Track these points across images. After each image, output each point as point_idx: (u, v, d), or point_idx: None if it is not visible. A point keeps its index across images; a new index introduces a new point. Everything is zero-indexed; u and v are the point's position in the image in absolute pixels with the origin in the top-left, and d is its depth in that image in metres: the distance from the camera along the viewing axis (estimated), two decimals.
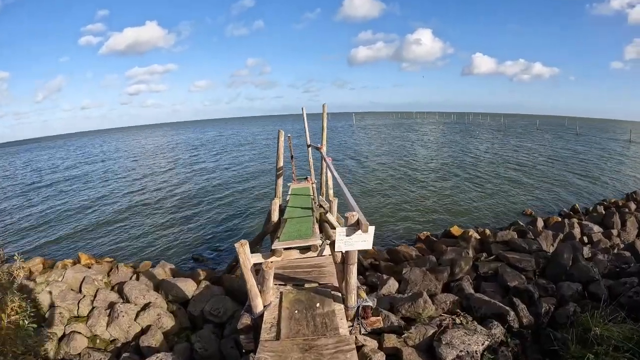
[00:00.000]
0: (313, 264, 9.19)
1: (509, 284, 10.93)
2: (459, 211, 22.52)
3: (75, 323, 9.93)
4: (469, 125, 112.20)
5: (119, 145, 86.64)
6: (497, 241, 14.43)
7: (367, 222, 5.51)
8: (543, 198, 25.43)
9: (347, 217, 5.72)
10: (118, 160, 54.19)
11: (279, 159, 13.64)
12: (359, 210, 5.81)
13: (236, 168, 40.73)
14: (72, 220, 23.92)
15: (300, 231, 9.49)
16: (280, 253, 8.57)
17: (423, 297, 9.26)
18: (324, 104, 14.67)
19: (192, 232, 20.27)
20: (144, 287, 11.15)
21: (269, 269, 6.27)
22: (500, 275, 11.45)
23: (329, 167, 9.62)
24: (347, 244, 5.74)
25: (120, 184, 34.29)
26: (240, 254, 6.06)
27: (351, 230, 5.64)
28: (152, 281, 11.85)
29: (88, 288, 11.48)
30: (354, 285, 6.54)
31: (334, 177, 8.23)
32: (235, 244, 6.09)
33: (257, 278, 7.26)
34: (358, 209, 5.90)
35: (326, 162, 10.79)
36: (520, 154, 46.48)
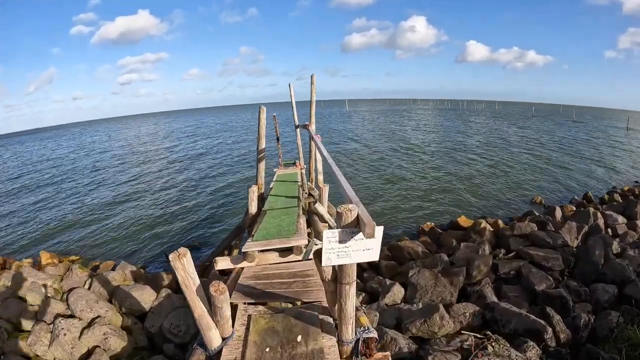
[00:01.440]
0: (296, 272, 7.00)
1: (536, 288, 9.22)
2: (462, 199, 20.70)
3: (16, 340, 8.13)
4: (463, 111, 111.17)
5: (108, 136, 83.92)
6: (514, 234, 12.49)
7: (373, 220, 3.44)
8: (550, 185, 23.83)
9: (340, 213, 3.59)
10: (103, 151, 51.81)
11: (260, 140, 11.61)
12: (359, 202, 3.75)
13: (223, 156, 38.87)
14: (45, 214, 22.11)
15: (280, 227, 7.53)
16: (252, 257, 6.57)
17: (439, 313, 7.31)
18: (313, 74, 12.63)
19: (172, 225, 18.46)
20: (92, 297, 9.05)
21: (219, 293, 4.13)
22: (524, 277, 9.70)
23: (318, 146, 7.55)
24: (340, 255, 3.69)
25: (101, 176, 32.26)
26: (177, 270, 3.94)
27: (347, 234, 3.58)
28: (106, 288, 9.77)
29: (33, 296, 9.62)
30: (352, 313, 4.45)
31: (323, 157, 6.16)
32: (170, 255, 3.96)
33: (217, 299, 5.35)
34: (357, 199, 3.85)
35: (314, 140, 8.71)
36: (519, 140, 44.96)
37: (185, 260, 3.95)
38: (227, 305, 4.29)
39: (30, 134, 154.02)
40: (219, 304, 4.20)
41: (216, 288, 4.17)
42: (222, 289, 4.17)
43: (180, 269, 3.95)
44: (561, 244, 11.55)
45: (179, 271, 3.97)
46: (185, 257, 3.94)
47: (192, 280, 4.06)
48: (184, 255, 3.93)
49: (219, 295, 4.14)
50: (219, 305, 4.22)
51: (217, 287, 4.19)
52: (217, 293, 4.14)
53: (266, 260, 6.72)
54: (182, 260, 3.92)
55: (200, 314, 4.26)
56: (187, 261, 3.97)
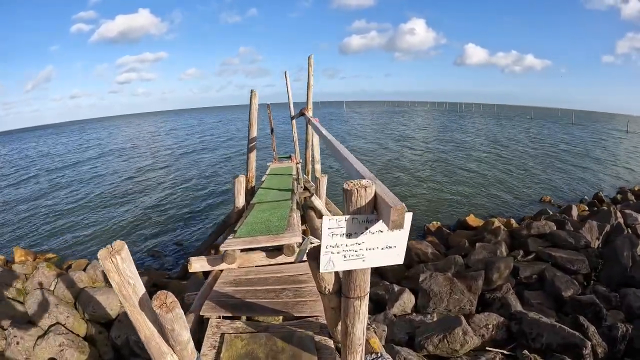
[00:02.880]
0: (286, 277, 5.46)
1: (563, 294, 8.04)
2: (467, 199, 19.63)
3: None
4: (462, 113, 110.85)
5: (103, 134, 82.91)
6: (532, 234, 11.28)
7: (395, 198, 2.20)
8: (556, 185, 22.92)
9: (348, 191, 2.29)
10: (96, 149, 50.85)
11: (251, 128, 10.43)
12: (375, 178, 2.52)
13: (217, 154, 37.96)
14: (28, 210, 21.05)
15: (269, 222, 6.29)
16: (233, 258, 5.32)
17: (462, 327, 6.04)
18: (310, 55, 11.46)
19: (160, 222, 17.38)
20: (52, 301, 7.78)
21: (166, 310, 2.75)
22: (548, 282, 8.52)
23: (316, 128, 6.33)
24: (348, 256, 2.42)
25: (90, 174, 31.18)
26: (109, 272, 2.61)
27: (359, 223, 2.33)
28: (70, 290, 8.47)
29: None
30: (361, 337, 3.17)
31: (323, 138, 4.94)
32: (100, 253, 2.63)
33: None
34: (372, 175, 2.62)
35: (312, 124, 7.48)
36: (521, 140, 44.23)
37: (120, 258, 2.62)
38: (181, 326, 2.89)
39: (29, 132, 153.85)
40: (169, 324, 2.80)
41: (161, 302, 2.76)
42: (170, 304, 2.76)
43: (113, 272, 2.64)
44: (584, 244, 10.42)
45: (111, 274, 2.65)
46: (120, 254, 2.62)
47: (131, 287, 2.75)
48: (118, 252, 2.62)
49: (165, 314, 2.73)
50: (168, 327, 2.83)
51: (163, 301, 2.78)
52: (163, 310, 2.73)
53: (250, 261, 5.48)
54: (116, 258, 2.61)
55: (147, 336, 2.96)
56: (122, 260, 2.64)
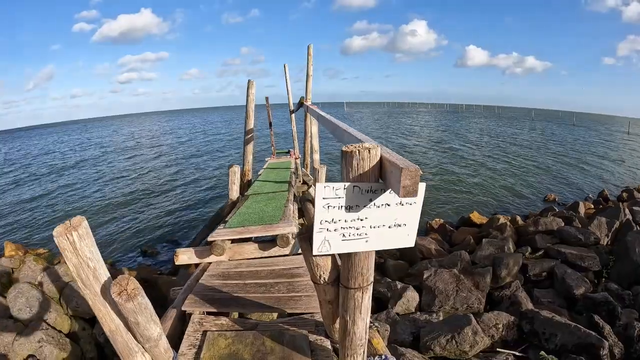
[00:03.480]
0: (280, 271, 4.94)
1: (575, 292, 7.62)
2: (470, 197, 19.23)
3: None
4: (464, 114, 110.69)
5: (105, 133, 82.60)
6: (540, 230, 10.85)
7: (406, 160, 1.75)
8: (560, 184, 22.54)
9: (348, 153, 1.86)
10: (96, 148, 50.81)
11: (248, 119, 10.00)
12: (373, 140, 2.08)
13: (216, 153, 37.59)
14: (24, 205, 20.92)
15: (263, 212, 5.85)
16: (222, 249, 4.87)
17: (472, 326, 5.58)
18: (310, 44, 11.05)
19: (156, 219, 17.11)
20: (35, 294, 7.35)
21: (126, 298, 2.21)
22: (559, 279, 8.08)
23: (313, 113, 5.90)
24: (347, 235, 1.98)
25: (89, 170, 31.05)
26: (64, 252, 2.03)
27: (361, 193, 1.89)
28: (55, 284, 8.04)
29: None
30: (363, 335, 2.69)
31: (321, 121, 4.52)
32: (55, 230, 2.12)
33: None
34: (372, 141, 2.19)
35: (310, 110, 7.05)
36: (523, 140, 43.91)
37: (77, 235, 2.16)
38: (147, 318, 2.40)
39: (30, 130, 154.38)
40: (131, 316, 2.33)
41: (121, 288, 2.27)
42: (132, 292, 2.26)
43: (69, 251, 2.17)
44: (594, 240, 10.02)
45: (67, 254, 2.18)
46: (78, 230, 2.16)
47: (91, 271, 2.28)
48: (75, 228, 2.16)
49: (124, 302, 2.24)
50: (132, 320, 2.35)
51: (123, 287, 2.28)
52: (123, 298, 2.24)
53: (241, 253, 5.02)
54: (72, 235, 2.15)
55: (112, 330, 2.49)
56: (80, 237, 2.17)
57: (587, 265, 8.68)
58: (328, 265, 2.42)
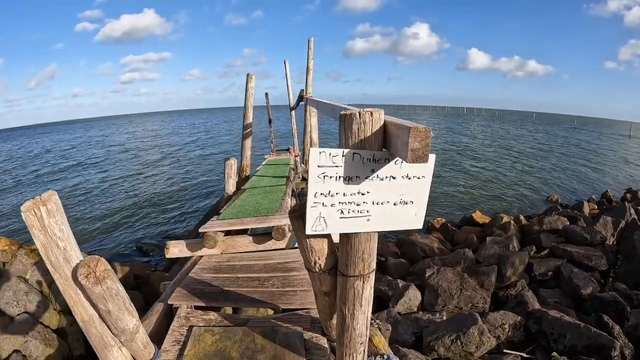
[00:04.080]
0: (275, 265, 4.65)
1: (582, 292, 7.36)
2: (472, 197, 19.01)
3: None
4: (465, 117, 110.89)
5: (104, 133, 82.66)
6: (544, 229, 10.60)
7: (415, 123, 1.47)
8: (562, 185, 22.31)
9: (347, 116, 1.62)
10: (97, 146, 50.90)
11: (247, 112, 9.77)
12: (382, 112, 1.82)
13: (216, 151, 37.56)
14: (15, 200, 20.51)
15: (259, 205, 5.62)
16: (214, 241, 4.61)
17: (478, 326, 5.33)
18: (310, 37, 10.84)
19: (153, 216, 16.91)
20: (22, 288, 7.12)
21: (93, 281, 1.88)
22: (565, 279, 7.80)
23: (312, 102, 5.67)
24: (346, 212, 1.72)
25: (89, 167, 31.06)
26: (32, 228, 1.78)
27: (362, 161, 1.63)
28: (45, 278, 7.83)
29: None
30: (363, 331, 2.40)
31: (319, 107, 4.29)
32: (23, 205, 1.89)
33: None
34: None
35: (308, 101, 6.84)
36: (525, 142, 43.73)
37: (46, 210, 1.92)
38: (119, 307, 2.11)
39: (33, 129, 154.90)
40: (101, 304, 2.04)
41: (89, 270, 2.01)
42: (100, 274, 2.00)
43: (37, 229, 1.92)
44: (600, 240, 9.73)
45: (34, 232, 1.94)
46: (47, 205, 1.92)
47: (61, 252, 2.03)
48: (44, 203, 1.92)
49: (92, 286, 1.99)
50: (102, 308, 2.07)
51: (92, 269, 2.02)
52: (90, 280, 1.99)
53: (235, 246, 4.76)
54: (40, 210, 1.91)
55: (85, 321, 2.23)
56: (49, 213, 1.92)
57: (594, 264, 8.43)
58: (324, 249, 2.12)
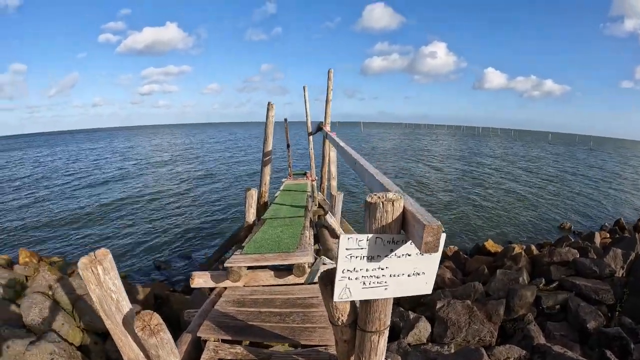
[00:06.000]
0: (295, 300, 4.96)
1: (588, 326, 7.49)
2: (484, 224, 19.05)
3: None
4: (480, 138, 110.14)
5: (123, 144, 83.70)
6: (555, 261, 10.74)
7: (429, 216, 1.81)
8: (575, 211, 22.29)
9: (371, 204, 1.93)
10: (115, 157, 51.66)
11: (267, 141, 10.12)
12: (402, 193, 2.14)
13: (235, 169, 37.77)
14: (42, 212, 21.20)
15: (280, 239, 5.93)
16: (238, 275, 4.94)
17: None
18: (330, 69, 11.10)
19: (171, 232, 17.18)
20: (48, 305, 7.45)
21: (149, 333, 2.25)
22: (572, 312, 7.95)
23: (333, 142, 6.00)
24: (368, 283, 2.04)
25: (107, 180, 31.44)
26: (89, 283, 2.12)
27: (383, 244, 1.96)
28: (69, 296, 8.14)
29: None
30: None
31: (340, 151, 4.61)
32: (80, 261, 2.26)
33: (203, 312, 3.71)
34: (397, 188, 2.26)
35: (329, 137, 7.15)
36: (539, 165, 43.53)
37: (102, 269, 2.30)
38: (167, 352, 2.45)
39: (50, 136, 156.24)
40: (153, 350, 2.42)
41: (144, 324, 2.37)
42: (154, 327, 2.36)
43: (94, 284, 2.29)
44: (609, 273, 9.81)
45: (91, 286, 2.31)
46: (103, 264, 2.28)
47: (114, 302, 2.39)
48: (100, 261, 2.29)
49: (147, 338, 2.34)
50: (153, 353, 2.44)
51: (147, 323, 2.38)
52: (146, 333, 2.34)
53: (257, 280, 5.09)
54: (97, 268, 2.28)
55: (131, 359, 2.59)
56: (105, 271, 2.31)
57: (601, 298, 8.55)
58: (347, 309, 2.50)
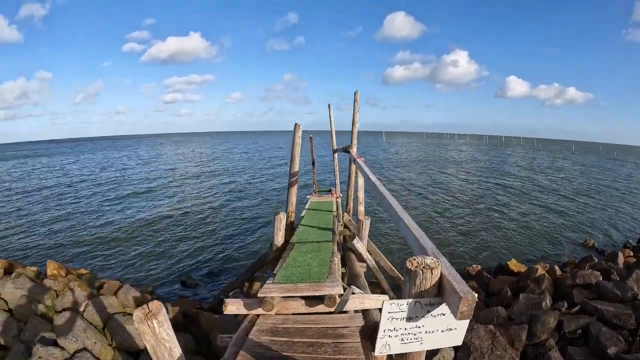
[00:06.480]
0: (326, 330, 5.13)
1: (608, 352, 7.59)
2: (507, 240, 18.95)
3: None
4: (503, 148, 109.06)
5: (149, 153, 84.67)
6: (577, 284, 10.75)
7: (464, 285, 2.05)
8: (599, 227, 21.96)
9: (412, 272, 2.20)
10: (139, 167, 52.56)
11: (293, 162, 10.39)
12: (438, 252, 2.39)
13: (258, 180, 38.03)
14: (67, 223, 21.66)
15: (310, 268, 6.20)
16: (271, 305, 5.19)
17: None
18: (356, 91, 11.33)
19: (195, 247, 17.37)
20: (81, 324, 7.80)
21: None
22: (593, 338, 8.03)
23: (362, 170, 6.25)
24: (406, 339, 2.30)
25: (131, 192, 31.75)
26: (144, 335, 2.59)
27: (422, 307, 2.22)
28: (100, 315, 8.49)
29: (21, 312, 8.64)
30: None
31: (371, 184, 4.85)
32: (135, 313, 2.57)
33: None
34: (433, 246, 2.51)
35: (357, 163, 7.40)
36: (563, 178, 42.98)
37: (157, 322, 2.64)
38: None
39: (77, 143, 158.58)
40: None
41: None
42: None
43: (149, 335, 2.61)
44: (631, 296, 9.78)
45: (146, 337, 2.64)
46: (157, 317, 2.61)
47: (167, 350, 2.71)
48: (155, 315, 2.62)
49: None
50: None
51: None
52: None
53: (288, 308, 5.34)
54: (152, 322, 2.61)
55: None
56: (159, 324, 2.65)
57: (623, 323, 8.53)
58: (384, 356, 2.77)
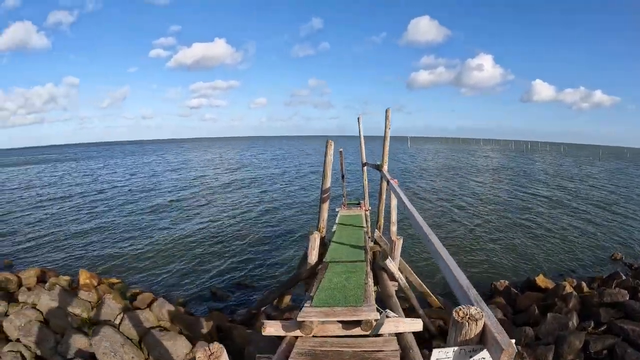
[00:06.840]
0: (363, 354, 5.23)
1: None
2: (535, 253, 18.78)
3: None
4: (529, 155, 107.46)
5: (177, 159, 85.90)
6: (604, 302, 10.72)
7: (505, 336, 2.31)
8: (625, 237, 21.66)
9: (459, 323, 2.47)
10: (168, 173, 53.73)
11: (325, 178, 10.73)
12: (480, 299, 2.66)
13: (291, 189, 38.03)
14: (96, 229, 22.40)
15: (345, 289, 6.48)
16: (310, 329, 5.47)
17: None
18: (388, 108, 11.49)
19: (226, 258, 17.48)
20: (118, 339, 8.20)
21: None
22: (619, 359, 8.18)
23: (397, 194, 6.51)
24: None
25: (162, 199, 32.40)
26: None
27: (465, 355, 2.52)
28: (136, 329, 8.88)
29: (57, 323, 9.04)
30: None
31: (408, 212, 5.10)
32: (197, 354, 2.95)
33: None
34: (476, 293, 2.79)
35: (390, 185, 7.67)
36: (590, 186, 42.20)
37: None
38: None
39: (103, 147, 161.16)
40: None
41: None
42: None
43: None
44: None
45: None
46: None
47: None
48: (217, 358, 2.91)
49: None
50: None
51: None
52: None
53: (325, 330, 5.61)
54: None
55: None
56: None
57: None
58: None
